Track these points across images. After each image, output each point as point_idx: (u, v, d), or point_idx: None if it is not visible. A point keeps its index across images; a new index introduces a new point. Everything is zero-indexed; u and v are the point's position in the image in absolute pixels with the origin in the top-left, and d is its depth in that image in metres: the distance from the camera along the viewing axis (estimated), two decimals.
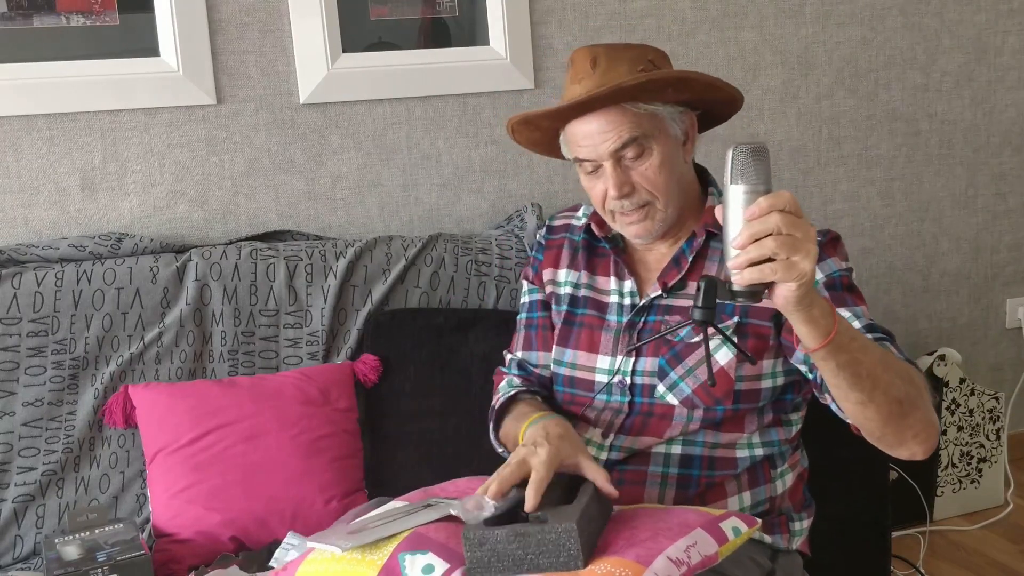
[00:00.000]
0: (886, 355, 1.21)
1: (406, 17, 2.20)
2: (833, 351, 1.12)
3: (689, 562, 1.12)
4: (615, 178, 1.39)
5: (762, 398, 1.43)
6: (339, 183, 2.20)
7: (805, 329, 1.10)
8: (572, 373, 1.52)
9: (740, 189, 1.05)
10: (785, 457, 1.49)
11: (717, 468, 1.43)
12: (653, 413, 1.44)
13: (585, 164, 1.43)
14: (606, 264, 1.55)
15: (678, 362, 1.43)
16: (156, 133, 2.07)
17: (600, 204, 1.46)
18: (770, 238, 1.01)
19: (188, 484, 1.75)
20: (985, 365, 2.86)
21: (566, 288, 1.58)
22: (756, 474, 1.45)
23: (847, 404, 1.20)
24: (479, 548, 1.13)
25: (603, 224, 1.54)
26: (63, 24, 1.97)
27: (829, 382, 1.19)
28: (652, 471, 1.43)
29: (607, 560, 1.10)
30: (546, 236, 1.65)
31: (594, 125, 1.39)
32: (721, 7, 2.45)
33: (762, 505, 1.46)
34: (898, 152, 2.68)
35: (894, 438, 1.23)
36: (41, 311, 1.83)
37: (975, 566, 2.38)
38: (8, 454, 1.81)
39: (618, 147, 1.39)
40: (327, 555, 1.20)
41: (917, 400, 1.22)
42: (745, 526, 1.22)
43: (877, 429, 1.22)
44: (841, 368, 1.14)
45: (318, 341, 1.95)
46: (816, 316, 1.09)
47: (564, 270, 1.59)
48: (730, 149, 1.07)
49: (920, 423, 1.22)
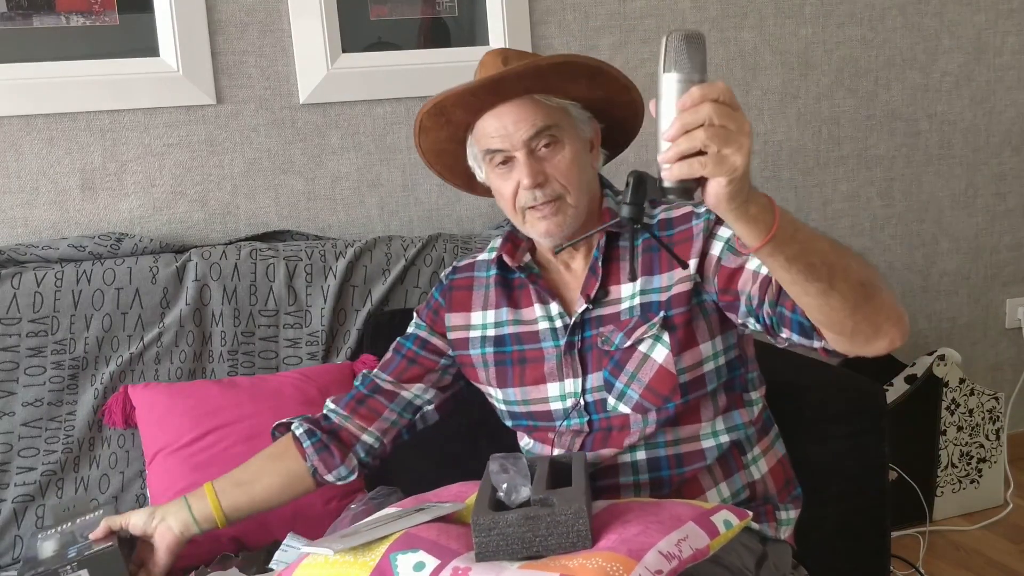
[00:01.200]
0: (836, 242, 1.14)
1: (406, 17, 2.20)
2: (779, 245, 1.05)
3: (680, 556, 1.12)
4: (529, 167, 1.38)
5: (708, 382, 1.42)
6: (339, 183, 2.20)
7: (744, 228, 1.04)
8: (528, 408, 1.51)
9: (673, 78, 0.99)
10: (753, 441, 1.48)
11: (685, 464, 1.43)
12: (612, 426, 1.44)
13: (496, 157, 1.41)
14: (526, 294, 1.52)
15: (620, 370, 1.42)
16: (156, 133, 2.07)
17: (511, 202, 1.42)
18: (701, 129, 0.95)
19: (188, 484, 1.74)
20: (985, 365, 2.87)
21: (487, 331, 1.54)
22: (727, 463, 1.45)
23: (809, 300, 1.13)
24: (488, 533, 1.15)
25: (513, 253, 1.52)
26: (63, 24, 1.97)
27: (784, 282, 1.12)
28: (623, 482, 1.43)
29: (599, 554, 1.11)
30: (450, 276, 1.61)
31: (508, 116, 1.38)
32: (721, 7, 2.45)
33: (742, 493, 1.45)
34: (898, 152, 2.68)
35: (868, 326, 1.16)
36: (41, 311, 1.83)
37: (975, 566, 2.38)
38: (8, 454, 1.81)
39: (532, 135, 1.38)
40: (320, 559, 1.20)
41: (878, 281, 1.16)
42: (736, 519, 1.22)
43: (849, 320, 1.15)
44: (792, 261, 1.07)
45: (318, 341, 1.95)
46: (754, 214, 1.02)
47: (478, 312, 1.55)
48: (664, 36, 1.00)
49: (889, 303, 1.16)
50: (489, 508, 1.18)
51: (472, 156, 1.48)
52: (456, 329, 1.56)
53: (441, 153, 1.51)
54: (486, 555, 1.15)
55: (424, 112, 1.44)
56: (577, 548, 1.14)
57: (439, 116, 1.44)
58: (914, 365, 2.54)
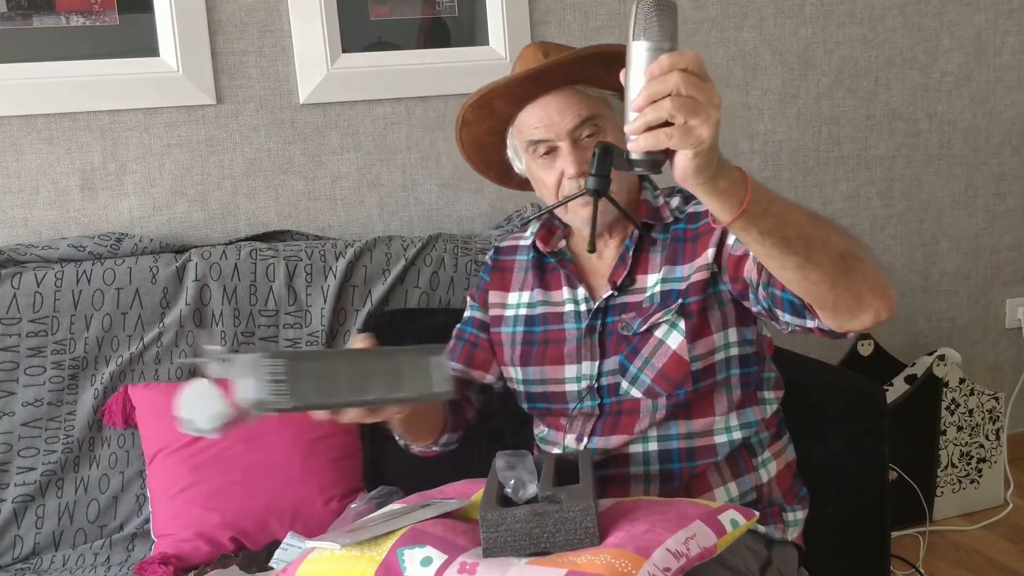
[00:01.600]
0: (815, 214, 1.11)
1: (406, 17, 2.20)
2: (751, 219, 1.03)
3: (688, 554, 1.13)
4: (573, 156, 1.39)
5: (718, 371, 1.43)
6: (339, 183, 2.20)
7: (714, 203, 1.01)
8: (543, 389, 1.53)
9: (643, 46, 0.95)
10: (764, 444, 1.49)
11: (697, 458, 1.44)
12: (622, 410, 1.45)
13: (539, 148, 1.43)
14: (557, 277, 1.56)
15: (635, 355, 1.43)
16: (156, 133, 2.07)
17: (554, 191, 1.44)
18: (668, 99, 0.92)
19: (188, 484, 1.75)
20: (985, 365, 2.87)
21: (520, 310, 1.58)
22: (737, 463, 1.46)
23: (787, 274, 1.12)
24: (496, 529, 1.15)
25: (547, 240, 1.56)
26: (63, 24, 1.97)
27: (761, 255, 1.10)
28: (634, 471, 1.44)
29: (607, 551, 1.11)
30: (494, 257, 1.65)
31: (551, 106, 1.40)
32: (721, 7, 2.45)
33: (750, 495, 1.46)
34: (898, 152, 2.68)
35: (851, 298, 1.14)
36: (41, 311, 1.83)
37: (975, 566, 2.38)
38: (8, 454, 1.81)
39: (576, 125, 1.40)
40: (326, 553, 1.20)
41: (859, 252, 1.13)
42: (743, 518, 1.22)
43: (830, 294, 1.13)
44: (766, 235, 1.05)
45: (318, 341, 1.95)
46: (724, 188, 1.00)
47: (515, 293, 1.59)
48: (634, 3, 0.97)
49: (872, 274, 1.14)
50: (496, 504, 1.19)
51: (512, 148, 1.51)
52: (494, 307, 1.60)
53: (481, 146, 1.54)
54: (493, 551, 1.15)
55: (468, 105, 1.46)
56: (584, 545, 1.14)
57: (483, 108, 1.46)
58: (914, 365, 2.54)
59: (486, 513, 1.16)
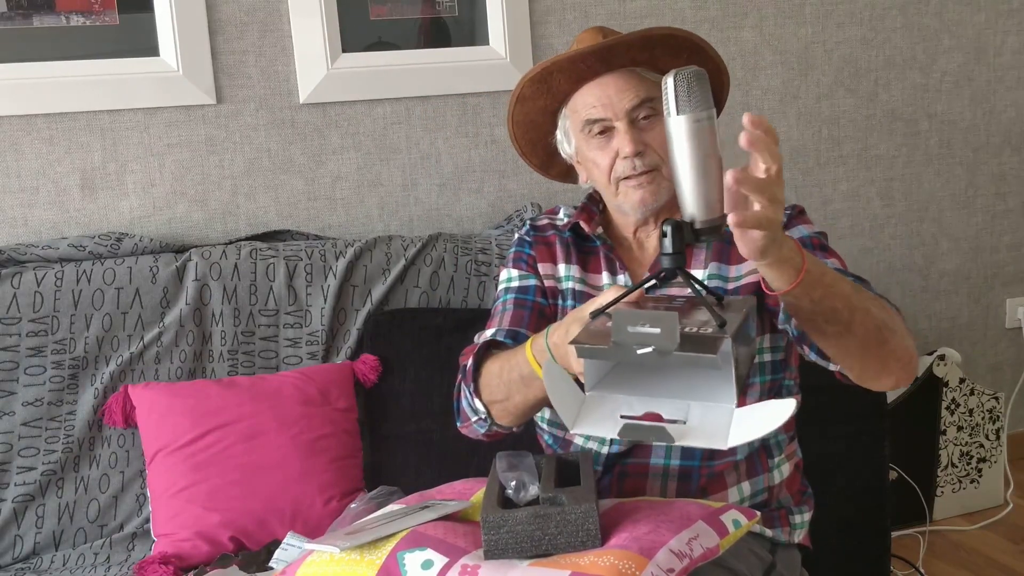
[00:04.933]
0: (857, 285, 1.19)
1: (406, 17, 2.20)
2: (806, 288, 1.09)
3: (691, 554, 1.13)
4: (631, 134, 1.40)
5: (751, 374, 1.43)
6: (339, 183, 2.20)
7: (771, 272, 1.07)
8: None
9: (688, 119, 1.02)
10: (782, 447, 1.49)
11: (717, 457, 1.43)
12: None
13: (595, 128, 1.43)
14: (596, 261, 1.54)
15: None
16: (156, 133, 2.07)
17: (607, 172, 1.44)
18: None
19: (188, 484, 1.75)
20: (985, 365, 2.86)
21: (570, 283, 1.55)
22: (754, 464, 1.46)
23: (825, 339, 1.17)
24: (498, 531, 1.15)
25: (590, 221, 1.54)
26: (63, 24, 1.97)
27: (805, 320, 1.16)
28: (654, 464, 1.43)
29: (610, 552, 1.11)
30: (532, 233, 1.60)
31: (611, 86, 1.41)
32: (721, 7, 2.45)
33: (761, 495, 1.46)
34: (898, 152, 2.68)
35: (877, 365, 1.20)
36: (41, 311, 1.83)
37: (975, 566, 2.38)
38: (8, 454, 1.81)
39: (634, 105, 1.40)
40: (325, 556, 1.20)
41: (894, 325, 1.20)
42: (745, 519, 1.22)
43: (858, 361, 1.19)
44: (816, 304, 1.12)
45: (318, 341, 1.95)
46: (785, 257, 1.06)
47: (563, 265, 1.56)
48: (668, 77, 1.03)
49: (901, 348, 1.21)
50: (497, 506, 1.19)
51: (562, 130, 1.51)
52: (547, 278, 1.56)
53: (531, 126, 1.53)
54: (495, 553, 1.15)
55: (527, 79, 1.46)
56: (586, 547, 1.14)
57: (541, 84, 1.46)
58: None
59: (487, 515, 1.16)
